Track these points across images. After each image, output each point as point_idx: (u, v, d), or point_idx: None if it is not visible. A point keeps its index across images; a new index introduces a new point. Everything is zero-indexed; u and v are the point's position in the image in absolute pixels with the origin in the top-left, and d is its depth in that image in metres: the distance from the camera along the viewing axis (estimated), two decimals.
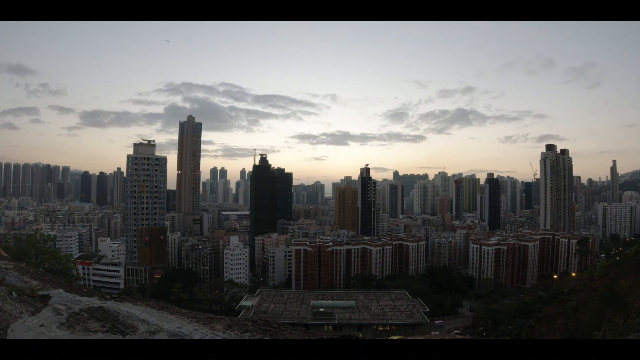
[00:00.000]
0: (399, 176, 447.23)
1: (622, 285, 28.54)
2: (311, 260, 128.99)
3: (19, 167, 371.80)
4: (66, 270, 34.45)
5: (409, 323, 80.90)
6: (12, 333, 3.51)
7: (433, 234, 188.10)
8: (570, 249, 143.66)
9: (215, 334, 3.61)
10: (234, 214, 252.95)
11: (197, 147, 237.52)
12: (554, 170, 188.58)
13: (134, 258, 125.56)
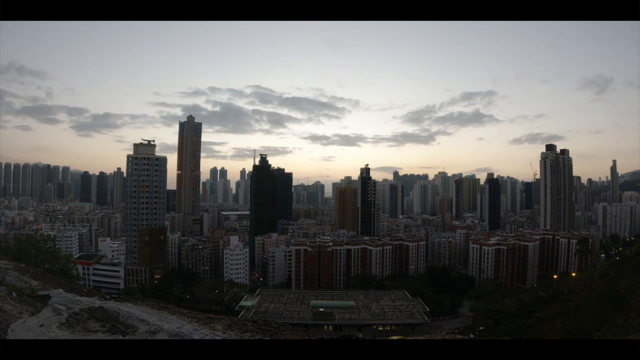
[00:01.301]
0: (399, 176, 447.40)
1: (622, 285, 28.49)
2: (311, 260, 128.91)
3: (19, 167, 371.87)
4: (66, 270, 34.42)
5: (409, 323, 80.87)
6: (12, 333, 3.51)
7: (433, 234, 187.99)
8: (570, 249, 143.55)
9: (215, 334, 3.61)
10: (234, 214, 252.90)
11: (197, 147, 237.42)
12: (554, 170, 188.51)
13: (134, 258, 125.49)
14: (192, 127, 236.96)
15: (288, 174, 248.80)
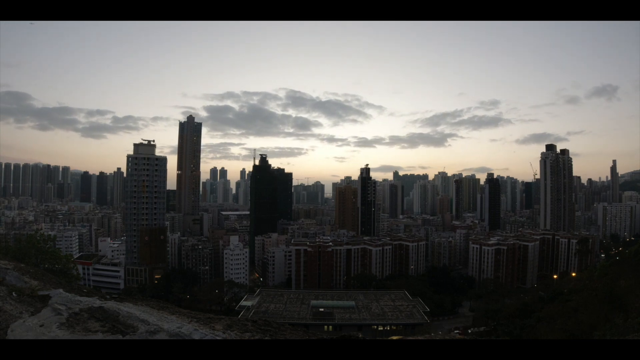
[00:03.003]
0: (399, 176, 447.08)
1: (622, 285, 28.50)
2: (311, 260, 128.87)
3: (19, 167, 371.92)
4: (66, 270, 34.39)
5: (409, 323, 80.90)
6: (12, 333, 3.51)
7: (433, 234, 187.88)
8: (570, 249, 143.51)
9: (215, 334, 3.61)
10: (234, 214, 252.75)
11: (197, 147, 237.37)
12: (554, 170, 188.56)
13: (134, 258, 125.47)
14: (192, 127, 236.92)
15: (288, 174, 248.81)
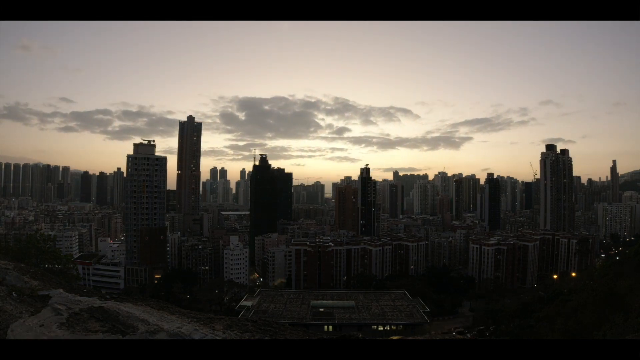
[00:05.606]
0: (399, 176, 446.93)
1: (622, 285, 28.48)
2: (311, 260, 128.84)
3: (19, 167, 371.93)
4: (66, 270, 34.31)
5: (409, 323, 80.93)
6: (12, 333, 3.51)
7: (433, 234, 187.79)
8: (570, 249, 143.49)
9: (215, 334, 3.61)
10: (234, 214, 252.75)
11: (197, 147, 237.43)
12: (554, 170, 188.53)
13: (134, 258, 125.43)
14: (192, 128, 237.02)
15: (288, 174, 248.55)
